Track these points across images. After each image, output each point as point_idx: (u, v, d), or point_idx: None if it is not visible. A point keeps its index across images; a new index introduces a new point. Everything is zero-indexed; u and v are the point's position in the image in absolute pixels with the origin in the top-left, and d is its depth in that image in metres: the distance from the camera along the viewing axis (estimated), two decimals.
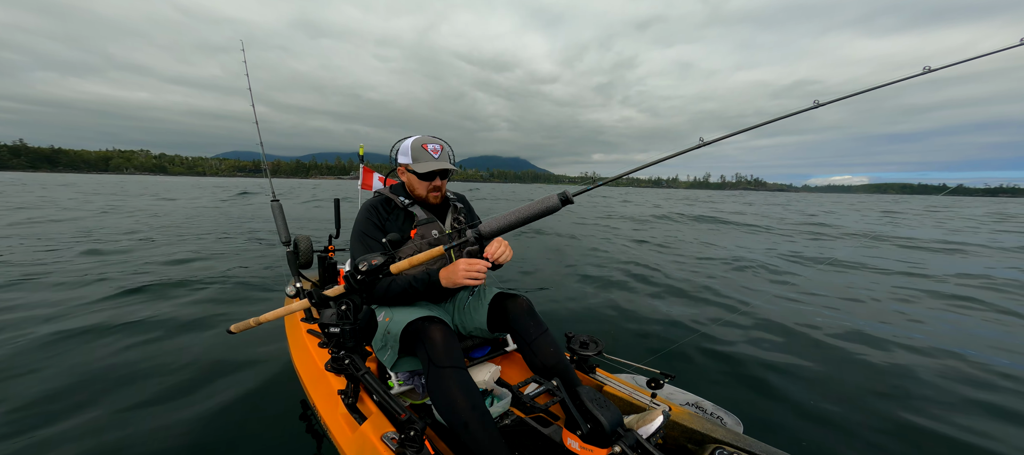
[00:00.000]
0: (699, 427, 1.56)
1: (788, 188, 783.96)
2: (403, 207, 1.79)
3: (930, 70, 1.31)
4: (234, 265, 5.66)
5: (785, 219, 16.58)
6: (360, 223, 1.76)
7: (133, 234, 7.93)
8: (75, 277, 4.67)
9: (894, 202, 42.81)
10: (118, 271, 5.04)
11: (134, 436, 2.03)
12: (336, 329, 1.75)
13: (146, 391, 2.41)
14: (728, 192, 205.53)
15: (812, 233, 12.27)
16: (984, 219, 20.43)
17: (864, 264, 7.04)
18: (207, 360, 2.78)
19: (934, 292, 5.24)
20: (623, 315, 4.05)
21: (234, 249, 6.94)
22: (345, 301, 1.73)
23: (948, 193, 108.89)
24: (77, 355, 2.80)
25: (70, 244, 6.69)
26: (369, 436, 1.49)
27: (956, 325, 4.01)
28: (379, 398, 1.57)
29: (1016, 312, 4.41)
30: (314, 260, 3.19)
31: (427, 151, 1.73)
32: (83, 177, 71.87)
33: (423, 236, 1.74)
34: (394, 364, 1.65)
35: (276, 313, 1.62)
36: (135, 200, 17.46)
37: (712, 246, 8.95)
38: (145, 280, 4.61)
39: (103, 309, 3.69)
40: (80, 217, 10.42)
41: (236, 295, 4.35)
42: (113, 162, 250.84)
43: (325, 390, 1.86)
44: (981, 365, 3.06)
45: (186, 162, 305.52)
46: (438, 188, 1.79)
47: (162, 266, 5.45)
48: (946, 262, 7.57)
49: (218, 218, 11.33)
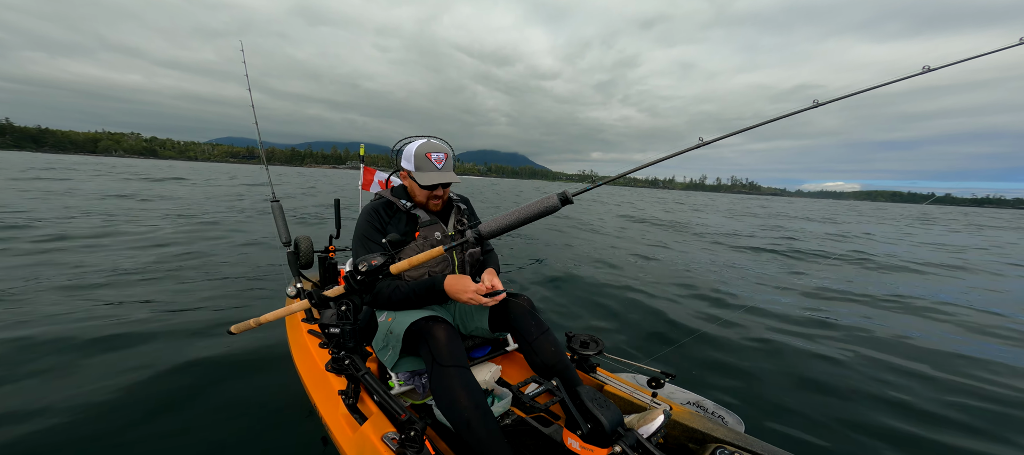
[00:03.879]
0: (700, 426, 1.56)
1: (782, 192, 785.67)
2: (405, 210, 1.78)
3: (929, 69, 1.30)
4: (234, 265, 5.67)
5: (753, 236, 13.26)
6: (362, 227, 1.75)
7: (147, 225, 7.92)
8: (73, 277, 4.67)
9: (875, 209, 43.00)
10: (118, 272, 5.05)
11: (134, 436, 2.03)
12: (336, 329, 1.76)
13: (146, 391, 2.41)
14: (724, 194, 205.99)
15: (783, 248, 12.27)
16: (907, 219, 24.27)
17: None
18: (207, 360, 2.78)
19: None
20: (623, 315, 4.05)
21: (233, 249, 6.94)
22: (345, 302, 1.73)
23: (932, 202, 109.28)
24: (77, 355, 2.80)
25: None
26: (369, 436, 1.49)
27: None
28: (379, 398, 1.57)
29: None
30: (314, 260, 3.19)
31: (430, 161, 1.70)
32: (71, 158, 70.75)
33: (426, 238, 1.74)
34: (395, 364, 1.65)
35: (276, 314, 1.62)
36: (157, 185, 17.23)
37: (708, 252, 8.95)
38: (144, 279, 4.62)
39: (102, 309, 3.69)
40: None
41: (237, 297, 4.36)
42: (102, 144, 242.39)
43: (326, 390, 1.86)
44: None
45: (178, 146, 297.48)
46: (439, 197, 1.78)
47: (162, 267, 5.45)
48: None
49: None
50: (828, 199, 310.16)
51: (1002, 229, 22.88)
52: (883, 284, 6.09)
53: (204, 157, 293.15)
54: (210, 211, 10.85)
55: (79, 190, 13.52)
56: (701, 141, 1.40)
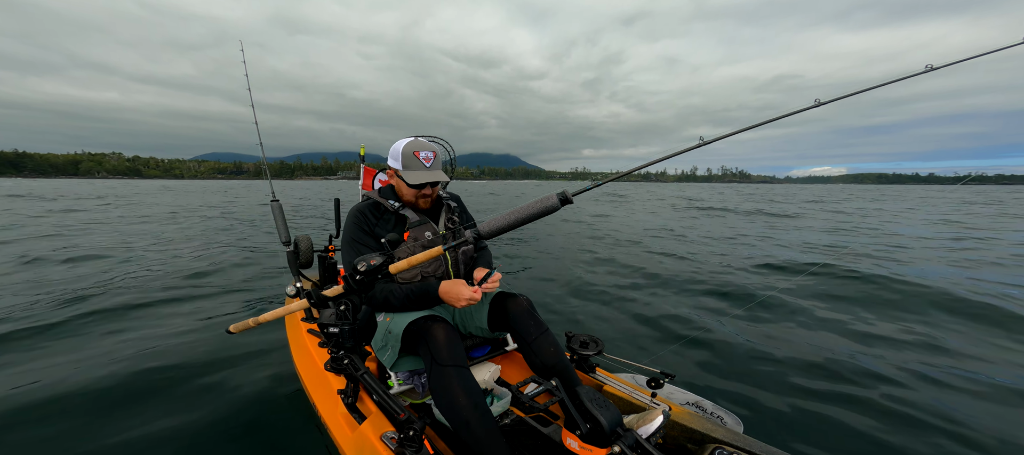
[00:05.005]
0: (699, 427, 1.55)
1: (772, 179, 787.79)
2: (393, 211, 1.74)
3: (933, 68, 1.30)
4: (234, 264, 5.68)
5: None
6: (349, 230, 1.71)
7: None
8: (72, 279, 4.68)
9: (841, 190, 40.48)
10: (115, 272, 5.06)
11: (134, 436, 2.04)
12: (335, 329, 1.76)
13: (146, 391, 2.42)
14: (713, 185, 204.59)
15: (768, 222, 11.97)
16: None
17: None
18: (207, 360, 2.78)
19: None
20: (623, 315, 4.05)
21: (234, 247, 6.96)
22: (344, 301, 1.73)
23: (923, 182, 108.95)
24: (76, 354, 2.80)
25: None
26: (368, 436, 1.49)
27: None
28: (378, 398, 1.57)
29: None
30: (314, 260, 3.19)
31: (418, 159, 1.66)
32: (53, 183, 67.63)
33: (416, 239, 1.69)
34: (394, 364, 1.65)
35: (276, 313, 1.62)
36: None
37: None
38: (141, 280, 4.62)
39: (102, 308, 3.70)
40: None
41: (235, 294, 4.36)
42: (83, 166, 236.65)
43: (325, 390, 1.86)
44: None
45: (162, 165, 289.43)
46: (427, 196, 1.74)
47: (161, 265, 5.47)
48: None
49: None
50: (817, 183, 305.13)
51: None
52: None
53: (190, 175, 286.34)
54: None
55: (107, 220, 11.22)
56: (701, 141, 1.40)
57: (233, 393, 2.40)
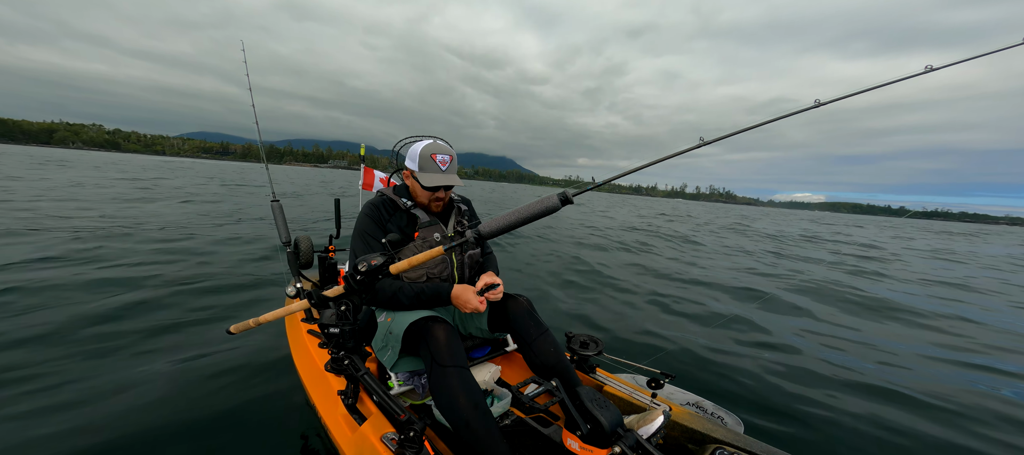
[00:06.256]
0: (699, 427, 1.55)
1: (755, 202, 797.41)
2: (406, 209, 1.78)
3: (932, 69, 1.30)
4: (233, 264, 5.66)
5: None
6: (362, 222, 1.76)
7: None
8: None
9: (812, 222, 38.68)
10: (115, 270, 5.04)
11: (134, 436, 2.03)
12: (336, 330, 1.75)
13: (145, 391, 2.41)
14: (702, 203, 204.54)
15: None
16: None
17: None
18: (206, 360, 2.78)
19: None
20: (624, 315, 4.04)
21: (233, 247, 6.93)
22: (345, 302, 1.73)
23: (910, 216, 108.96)
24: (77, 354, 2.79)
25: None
26: (369, 436, 1.48)
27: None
28: (379, 398, 1.57)
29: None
30: (314, 260, 3.19)
31: (435, 162, 1.70)
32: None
33: (425, 239, 1.74)
34: (394, 364, 1.65)
35: (276, 313, 1.62)
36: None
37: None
38: (139, 278, 4.61)
39: (99, 309, 3.69)
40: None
41: (236, 294, 4.35)
42: (58, 135, 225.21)
43: (325, 390, 1.86)
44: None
45: (144, 140, 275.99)
46: (441, 199, 1.78)
47: (159, 265, 5.45)
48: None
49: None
50: (798, 209, 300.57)
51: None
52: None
53: (173, 152, 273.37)
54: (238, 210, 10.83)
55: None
56: (702, 141, 1.40)
57: (233, 393, 2.40)
